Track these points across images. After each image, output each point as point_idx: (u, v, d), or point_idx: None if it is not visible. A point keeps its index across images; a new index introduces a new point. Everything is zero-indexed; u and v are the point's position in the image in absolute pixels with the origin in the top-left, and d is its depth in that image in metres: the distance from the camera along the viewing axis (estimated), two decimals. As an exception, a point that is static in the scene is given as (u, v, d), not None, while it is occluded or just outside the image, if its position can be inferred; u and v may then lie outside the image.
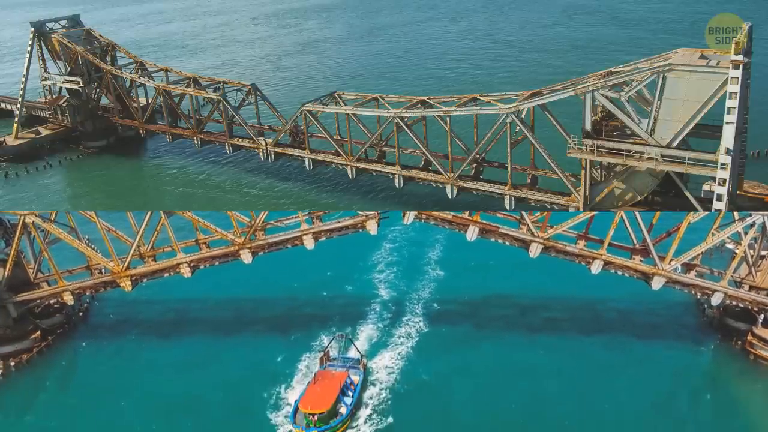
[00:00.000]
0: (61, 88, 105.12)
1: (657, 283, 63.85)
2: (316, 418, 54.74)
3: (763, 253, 66.12)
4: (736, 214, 61.97)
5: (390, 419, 57.68)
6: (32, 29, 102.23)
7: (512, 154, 64.34)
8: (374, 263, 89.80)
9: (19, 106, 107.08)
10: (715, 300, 64.36)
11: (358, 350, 66.62)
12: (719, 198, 53.14)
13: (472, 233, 62.99)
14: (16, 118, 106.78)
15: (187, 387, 63.11)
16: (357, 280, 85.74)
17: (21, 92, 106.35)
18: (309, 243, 65.86)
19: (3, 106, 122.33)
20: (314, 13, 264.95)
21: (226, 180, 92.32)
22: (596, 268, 63.83)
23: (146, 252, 69.69)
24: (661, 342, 69.01)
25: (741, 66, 49.53)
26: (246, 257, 67.33)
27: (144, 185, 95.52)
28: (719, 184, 52.73)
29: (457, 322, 74.33)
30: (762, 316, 64.45)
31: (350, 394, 59.47)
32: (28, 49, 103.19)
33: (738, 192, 61.51)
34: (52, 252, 70.96)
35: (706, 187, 54.51)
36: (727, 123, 51.09)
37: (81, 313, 77.65)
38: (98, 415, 59.59)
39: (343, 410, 57.13)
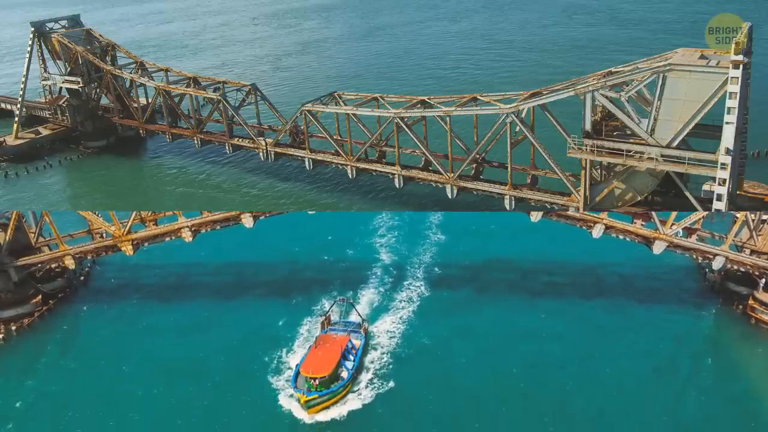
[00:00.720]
0: (61, 88, 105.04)
1: (658, 248, 64.49)
2: (317, 382, 55.23)
3: (765, 217, 66.58)
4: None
5: (391, 383, 58.43)
6: (32, 29, 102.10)
7: (512, 154, 64.23)
8: (375, 227, 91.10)
9: (19, 106, 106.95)
10: (717, 264, 65.15)
11: (359, 314, 67.47)
12: (719, 198, 53.02)
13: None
14: (16, 118, 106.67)
15: (189, 351, 64.14)
16: (358, 244, 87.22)
17: (21, 92, 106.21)
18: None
19: (3, 106, 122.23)
20: (314, 13, 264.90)
21: (226, 180, 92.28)
22: (597, 232, 64.57)
23: (147, 216, 70.43)
24: (662, 306, 70.04)
25: (741, 66, 49.47)
26: (247, 221, 68.06)
27: (144, 185, 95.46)
28: (719, 184, 52.61)
29: (458, 286, 75.60)
30: (763, 280, 65.22)
31: (351, 358, 60.22)
32: (28, 49, 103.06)
33: (738, 192, 61.41)
34: (53, 216, 72.19)
35: (706, 187, 54.34)
36: (727, 123, 50.99)
37: (82, 278, 78.96)
38: (99, 379, 60.52)
39: (345, 374, 57.77)
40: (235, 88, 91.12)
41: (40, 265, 72.17)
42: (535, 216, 63.98)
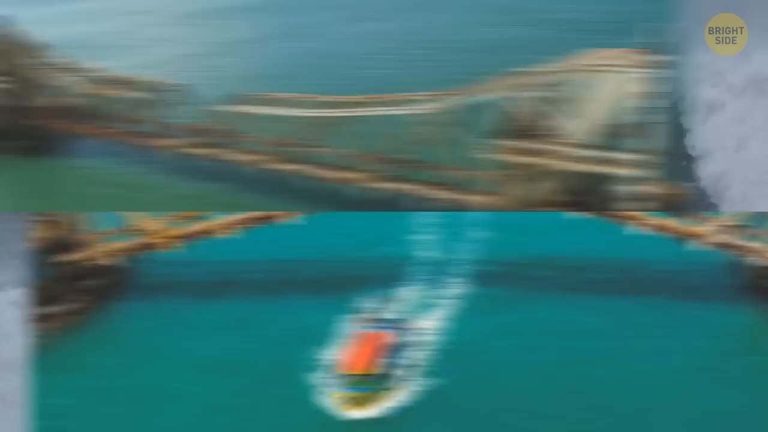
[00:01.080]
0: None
1: (695, 244, 66.00)
2: (356, 379, 55.11)
3: None
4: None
5: (433, 380, 58.52)
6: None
7: (437, 154, 65.08)
8: (416, 224, 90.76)
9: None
10: (755, 261, 66.26)
11: (399, 311, 67.61)
12: (638, 197, 54.66)
13: None
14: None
15: (227, 347, 64.95)
16: (399, 241, 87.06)
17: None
18: None
19: None
20: (241, 12, 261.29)
21: (155, 181, 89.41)
22: (634, 228, 65.88)
23: (191, 214, 72.60)
24: (701, 303, 71.50)
25: (656, 65, 50.64)
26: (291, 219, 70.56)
27: (73, 186, 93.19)
28: (637, 184, 54.18)
29: (499, 283, 76.66)
30: None
31: (392, 355, 59.78)
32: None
33: (669, 192, 62.37)
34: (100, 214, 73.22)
35: (624, 186, 55.55)
36: (646, 122, 52.67)
37: (127, 274, 78.36)
38: (141, 375, 61.17)
39: (384, 371, 57.31)
40: (166, 89, 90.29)
41: (85, 262, 72.20)
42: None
